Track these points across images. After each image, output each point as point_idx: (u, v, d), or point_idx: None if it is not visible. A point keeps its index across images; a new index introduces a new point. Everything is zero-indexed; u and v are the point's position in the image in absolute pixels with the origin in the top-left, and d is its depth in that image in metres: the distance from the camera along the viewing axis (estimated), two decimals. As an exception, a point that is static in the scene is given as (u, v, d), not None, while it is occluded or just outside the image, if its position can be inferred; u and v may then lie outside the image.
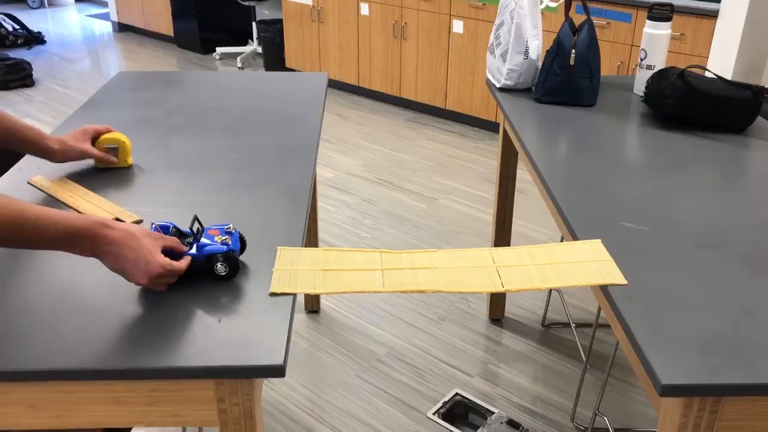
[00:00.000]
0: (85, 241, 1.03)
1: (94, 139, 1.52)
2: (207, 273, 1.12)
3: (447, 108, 4.50)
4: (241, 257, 1.19)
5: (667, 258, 1.20)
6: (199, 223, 1.17)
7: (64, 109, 4.85)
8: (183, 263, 1.10)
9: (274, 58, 5.50)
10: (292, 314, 1.06)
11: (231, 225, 1.18)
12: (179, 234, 1.15)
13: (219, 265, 1.11)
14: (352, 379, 2.26)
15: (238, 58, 5.83)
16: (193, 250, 1.12)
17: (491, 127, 4.41)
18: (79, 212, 1.34)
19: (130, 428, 1.37)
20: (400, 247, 3.04)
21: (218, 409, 1.00)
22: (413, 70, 4.57)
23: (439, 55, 4.40)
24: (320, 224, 3.23)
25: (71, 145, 1.48)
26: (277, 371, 0.95)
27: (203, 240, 1.13)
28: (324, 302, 2.65)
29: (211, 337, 1.00)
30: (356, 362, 2.34)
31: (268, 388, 2.21)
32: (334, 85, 5.22)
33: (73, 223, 1.02)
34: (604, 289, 1.13)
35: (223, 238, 1.14)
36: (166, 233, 1.12)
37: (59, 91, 5.24)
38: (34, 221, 0.99)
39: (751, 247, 1.24)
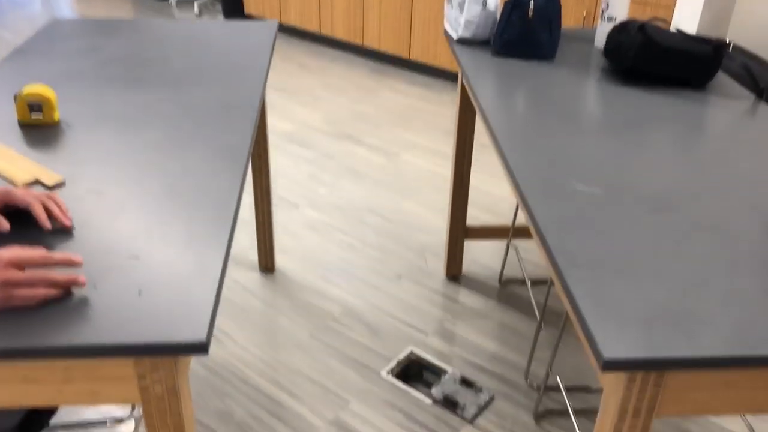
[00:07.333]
0: None
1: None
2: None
3: (411, 58, 4.38)
4: (171, 224, 1.11)
5: (618, 223, 1.16)
6: None
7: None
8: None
9: (233, 5, 5.29)
10: (219, 287, 0.99)
11: None
12: None
13: None
14: (306, 339, 2.22)
15: (196, 4, 5.60)
16: None
17: (456, 78, 4.31)
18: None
19: (56, 408, 1.30)
20: (359, 203, 2.97)
21: (139, 387, 0.94)
22: (376, 17, 4.43)
23: (404, 1, 4.26)
24: (278, 180, 3.14)
25: None
26: (200, 348, 0.89)
27: None
28: (279, 260, 2.59)
29: (129, 311, 0.93)
30: (310, 322, 2.29)
31: (219, 348, 2.16)
32: (294, 33, 5.05)
33: None
34: (550, 254, 1.08)
35: None
36: None
37: (5, 37, 4.98)
38: None
39: (704, 213, 1.20)
